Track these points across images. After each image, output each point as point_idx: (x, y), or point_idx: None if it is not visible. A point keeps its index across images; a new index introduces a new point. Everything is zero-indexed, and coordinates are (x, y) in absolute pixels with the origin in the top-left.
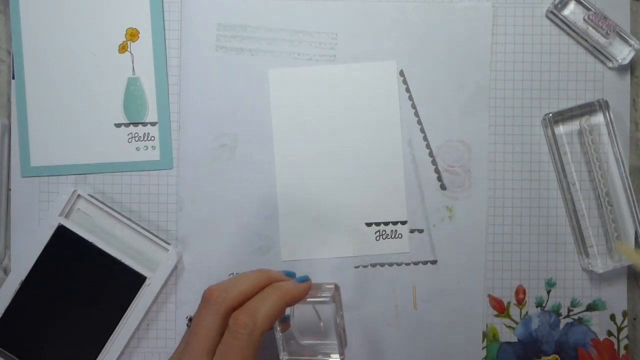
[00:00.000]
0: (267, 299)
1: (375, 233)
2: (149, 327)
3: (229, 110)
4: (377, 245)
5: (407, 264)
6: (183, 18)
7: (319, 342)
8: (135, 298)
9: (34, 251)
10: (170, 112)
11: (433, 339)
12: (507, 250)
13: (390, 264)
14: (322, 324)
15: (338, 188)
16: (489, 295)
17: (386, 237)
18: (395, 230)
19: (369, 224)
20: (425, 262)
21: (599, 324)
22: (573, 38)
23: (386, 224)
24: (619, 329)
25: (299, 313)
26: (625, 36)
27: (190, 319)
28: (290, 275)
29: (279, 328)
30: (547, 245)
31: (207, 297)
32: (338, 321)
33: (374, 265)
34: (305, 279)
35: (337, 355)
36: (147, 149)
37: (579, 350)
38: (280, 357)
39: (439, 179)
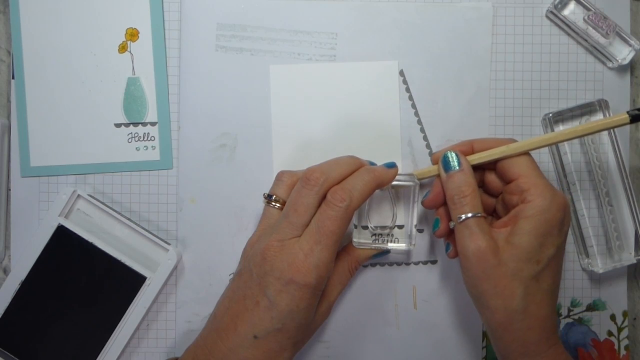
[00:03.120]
0: (361, 179)
1: (372, 236)
2: (149, 327)
3: (229, 110)
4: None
5: (407, 264)
6: (183, 18)
7: (389, 231)
8: (135, 298)
9: (33, 251)
10: (170, 112)
11: (433, 339)
12: None
13: (390, 264)
14: (395, 212)
15: None
16: None
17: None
18: (392, 234)
19: (364, 227)
20: (425, 262)
21: (599, 324)
22: (573, 38)
23: (383, 227)
24: (619, 329)
25: (376, 201)
26: (625, 36)
27: (267, 195)
28: (373, 165)
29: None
30: None
31: (307, 177)
32: (415, 205)
33: (374, 265)
34: (392, 165)
35: (407, 243)
36: (147, 149)
37: (579, 351)
38: (353, 241)
39: None
